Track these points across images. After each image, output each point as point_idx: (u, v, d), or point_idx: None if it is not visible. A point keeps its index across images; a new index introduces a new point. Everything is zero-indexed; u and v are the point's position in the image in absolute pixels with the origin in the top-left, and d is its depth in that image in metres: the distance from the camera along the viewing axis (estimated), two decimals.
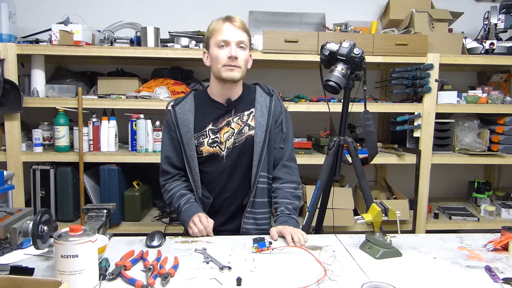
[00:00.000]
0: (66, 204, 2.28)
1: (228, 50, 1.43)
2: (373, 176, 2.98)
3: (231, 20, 1.45)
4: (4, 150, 2.21)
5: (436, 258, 1.21)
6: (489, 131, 2.57)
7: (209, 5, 2.74)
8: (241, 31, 1.45)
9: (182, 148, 1.52)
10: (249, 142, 1.51)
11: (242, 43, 1.45)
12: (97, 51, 2.24)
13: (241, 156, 1.52)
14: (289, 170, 1.58)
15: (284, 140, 1.57)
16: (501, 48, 2.53)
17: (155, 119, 2.35)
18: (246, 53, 1.48)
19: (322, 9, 2.69)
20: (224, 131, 1.51)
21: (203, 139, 1.51)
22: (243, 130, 1.51)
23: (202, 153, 1.51)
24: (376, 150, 1.76)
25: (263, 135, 1.50)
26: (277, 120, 1.56)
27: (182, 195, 1.50)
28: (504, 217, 2.56)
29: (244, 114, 1.53)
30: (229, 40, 1.43)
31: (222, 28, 1.44)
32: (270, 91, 1.58)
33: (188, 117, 1.51)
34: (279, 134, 1.57)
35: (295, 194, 1.55)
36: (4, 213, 1.05)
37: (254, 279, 1.04)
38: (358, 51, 1.58)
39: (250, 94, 1.57)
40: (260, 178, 1.51)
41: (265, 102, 1.54)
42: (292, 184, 1.56)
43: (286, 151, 1.58)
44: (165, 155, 1.56)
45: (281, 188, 1.55)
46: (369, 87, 2.37)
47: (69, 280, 0.88)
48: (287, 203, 1.51)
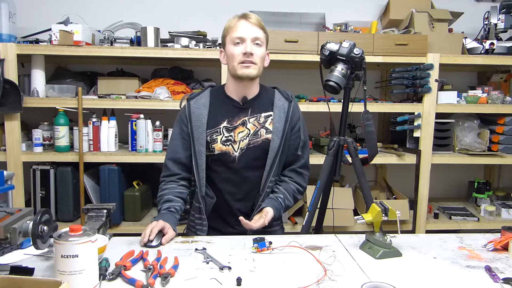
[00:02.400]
0: (66, 204, 2.28)
1: (244, 46, 1.42)
2: (373, 176, 2.98)
3: (246, 17, 1.45)
4: (4, 150, 2.21)
5: (436, 258, 1.21)
6: (489, 131, 2.57)
7: (209, 5, 2.74)
8: (256, 28, 1.44)
9: (192, 142, 1.49)
10: (264, 146, 1.49)
11: (258, 39, 1.44)
12: (97, 51, 2.24)
13: (255, 158, 1.50)
14: (301, 176, 1.60)
15: (302, 148, 1.58)
16: (501, 48, 2.53)
17: (155, 119, 2.35)
18: (262, 50, 1.47)
19: (322, 9, 2.69)
20: (239, 130, 1.49)
21: (216, 136, 1.49)
22: (259, 132, 1.50)
23: (214, 151, 1.49)
24: (376, 150, 1.76)
25: (279, 140, 1.49)
26: (293, 127, 1.55)
27: (168, 200, 1.46)
28: (504, 217, 2.57)
29: (261, 116, 1.51)
30: (244, 37, 1.42)
31: (237, 26, 1.44)
32: (289, 97, 1.57)
33: (202, 111, 1.50)
34: (296, 141, 1.56)
35: (296, 195, 1.56)
36: (4, 213, 1.05)
37: (254, 279, 1.04)
38: (358, 51, 1.58)
39: (268, 95, 1.55)
40: (269, 183, 1.51)
41: (283, 107, 1.53)
42: (299, 186, 1.57)
43: (302, 158, 1.59)
44: (172, 149, 1.54)
45: (287, 182, 1.56)
46: (369, 87, 2.37)
47: (69, 280, 0.88)
48: (284, 198, 1.52)
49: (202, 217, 1.51)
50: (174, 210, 1.44)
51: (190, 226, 1.58)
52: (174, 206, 1.45)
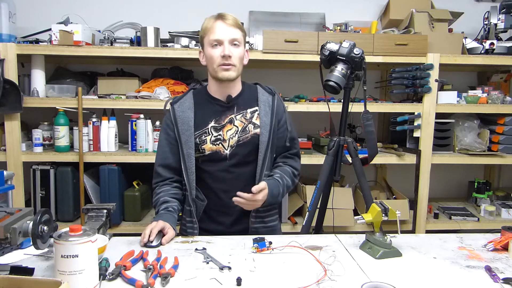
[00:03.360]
0: (66, 204, 2.28)
1: (221, 49, 1.42)
2: (373, 176, 2.98)
3: (223, 18, 1.44)
4: (4, 150, 2.21)
5: (436, 258, 1.21)
6: (489, 131, 2.57)
7: (209, 5, 2.74)
8: (233, 28, 1.44)
9: (180, 146, 1.50)
10: (254, 141, 1.50)
11: (235, 40, 1.44)
12: (97, 51, 2.24)
13: (246, 154, 1.50)
14: (293, 160, 1.61)
15: (291, 140, 1.58)
16: (501, 48, 2.53)
17: (155, 119, 2.35)
18: (240, 50, 1.47)
19: (322, 9, 2.69)
20: (227, 128, 1.50)
21: (205, 136, 1.49)
22: (247, 128, 1.51)
23: (204, 152, 1.49)
24: (376, 150, 1.76)
25: (267, 134, 1.50)
26: (280, 120, 1.56)
27: (165, 201, 1.47)
28: (504, 217, 2.57)
29: (247, 111, 1.52)
30: (222, 39, 1.42)
31: (214, 27, 1.43)
32: (272, 91, 1.58)
33: (187, 114, 1.50)
34: (284, 133, 1.57)
35: (292, 176, 1.56)
36: (4, 213, 1.05)
37: (254, 279, 1.04)
38: (358, 51, 1.58)
39: (251, 91, 1.56)
40: (264, 177, 1.51)
41: (267, 101, 1.54)
42: (293, 168, 1.58)
43: (293, 148, 1.60)
44: (160, 156, 1.55)
45: (282, 166, 1.57)
46: (369, 87, 2.37)
47: (69, 280, 0.88)
48: (283, 176, 1.52)
49: (193, 220, 1.51)
50: (172, 210, 1.45)
51: (182, 230, 1.58)
52: (171, 206, 1.46)
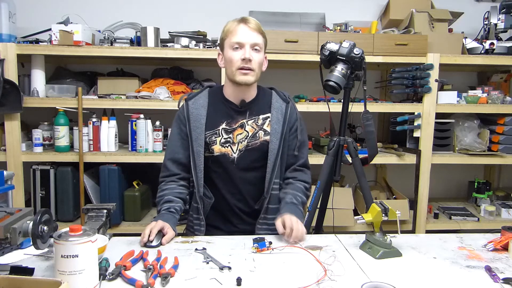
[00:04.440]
0: (66, 204, 2.28)
1: (242, 52, 1.42)
2: (373, 176, 2.98)
3: (246, 22, 1.44)
4: (4, 150, 2.21)
5: (436, 258, 1.21)
6: (489, 131, 2.57)
7: (209, 5, 2.74)
8: (256, 33, 1.44)
9: (190, 142, 1.50)
10: (263, 148, 1.50)
11: (257, 45, 1.44)
12: (97, 51, 2.24)
13: (254, 160, 1.50)
14: (302, 172, 1.59)
15: (299, 148, 1.56)
16: (501, 48, 2.53)
17: (155, 119, 2.35)
18: (261, 56, 1.46)
19: (322, 9, 2.69)
20: (237, 132, 1.50)
21: (215, 137, 1.49)
22: (258, 134, 1.50)
23: (213, 152, 1.50)
24: (376, 150, 1.76)
25: (278, 142, 1.49)
26: (291, 128, 1.55)
27: (169, 201, 1.46)
28: (504, 217, 2.57)
29: (259, 118, 1.52)
30: (243, 42, 1.42)
31: (236, 30, 1.43)
32: (287, 98, 1.57)
33: (200, 112, 1.50)
34: (294, 141, 1.56)
35: (305, 191, 1.55)
36: (4, 213, 1.05)
37: (254, 279, 1.04)
38: (358, 51, 1.58)
39: (265, 97, 1.55)
40: (274, 185, 1.50)
41: (281, 108, 1.53)
42: (304, 183, 1.57)
43: (300, 158, 1.58)
44: (170, 149, 1.54)
45: (293, 183, 1.55)
46: (369, 87, 2.37)
47: (69, 280, 0.88)
48: (296, 195, 1.49)
49: (200, 217, 1.51)
50: (174, 211, 1.44)
51: (189, 226, 1.59)
52: (174, 207, 1.45)
